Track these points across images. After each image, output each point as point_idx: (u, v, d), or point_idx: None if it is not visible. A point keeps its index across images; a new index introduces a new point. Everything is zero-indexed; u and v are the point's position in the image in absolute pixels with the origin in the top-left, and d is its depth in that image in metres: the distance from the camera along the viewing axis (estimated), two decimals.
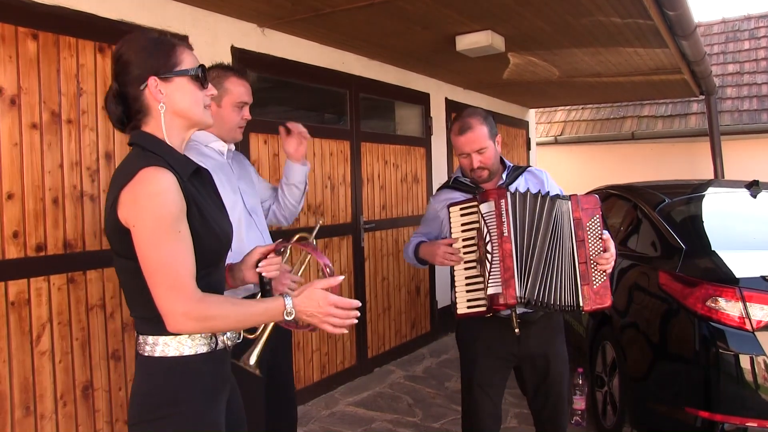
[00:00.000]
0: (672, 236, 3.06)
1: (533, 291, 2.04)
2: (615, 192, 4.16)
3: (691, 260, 2.83)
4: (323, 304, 1.30)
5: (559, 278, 2.05)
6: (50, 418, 2.47)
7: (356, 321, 1.35)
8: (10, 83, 2.38)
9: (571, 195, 2.11)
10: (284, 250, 1.55)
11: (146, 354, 1.34)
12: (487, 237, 2.04)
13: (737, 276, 2.57)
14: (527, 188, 2.19)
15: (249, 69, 2.31)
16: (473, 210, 2.11)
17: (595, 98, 7.58)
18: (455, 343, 2.51)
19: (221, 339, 1.40)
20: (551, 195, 2.10)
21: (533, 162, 7.91)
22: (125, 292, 1.38)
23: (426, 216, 2.50)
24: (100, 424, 2.66)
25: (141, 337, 1.36)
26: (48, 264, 2.49)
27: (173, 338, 1.33)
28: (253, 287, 1.96)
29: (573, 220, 2.07)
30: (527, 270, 2.05)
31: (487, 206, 2.05)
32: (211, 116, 1.47)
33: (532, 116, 8.11)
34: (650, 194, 3.65)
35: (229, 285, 1.60)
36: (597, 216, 2.08)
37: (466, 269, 2.14)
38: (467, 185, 2.35)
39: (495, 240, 2.03)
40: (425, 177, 5.35)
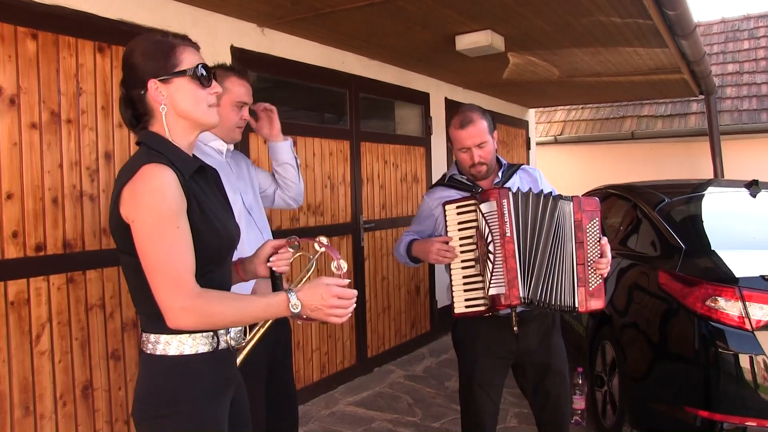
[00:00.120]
0: (672, 236, 3.06)
1: (536, 292, 2.05)
2: (615, 192, 4.16)
3: (691, 260, 2.83)
4: (327, 297, 1.30)
5: (560, 279, 2.06)
6: (50, 418, 2.47)
7: (354, 305, 1.35)
8: (10, 83, 2.38)
9: (573, 196, 2.12)
10: (298, 245, 1.54)
11: (148, 352, 1.35)
12: (489, 237, 2.03)
13: (737, 275, 2.57)
14: (524, 187, 2.19)
15: (249, 69, 2.31)
16: (471, 209, 2.11)
17: (595, 98, 7.58)
18: None
19: (224, 339, 1.40)
20: (554, 195, 2.11)
21: (533, 162, 7.91)
22: (130, 290, 1.39)
23: (419, 214, 2.46)
24: (100, 424, 2.66)
25: (144, 335, 1.37)
26: (47, 264, 2.49)
27: (174, 337, 1.33)
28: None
29: (574, 222, 2.07)
30: (530, 271, 2.05)
31: (488, 206, 2.05)
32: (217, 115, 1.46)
33: (532, 116, 8.11)
34: (650, 194, 3.65)
35: (241, 278, 1.61)
36: (596, 219, 2.09)
37: (464, 268, 2.13)
38: (463, 183, 2.33)
39: (497, 240, 2.03)
40: (425, 177, 5.34)
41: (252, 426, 1.60)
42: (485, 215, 2.05)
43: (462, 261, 2.13)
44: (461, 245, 2.13)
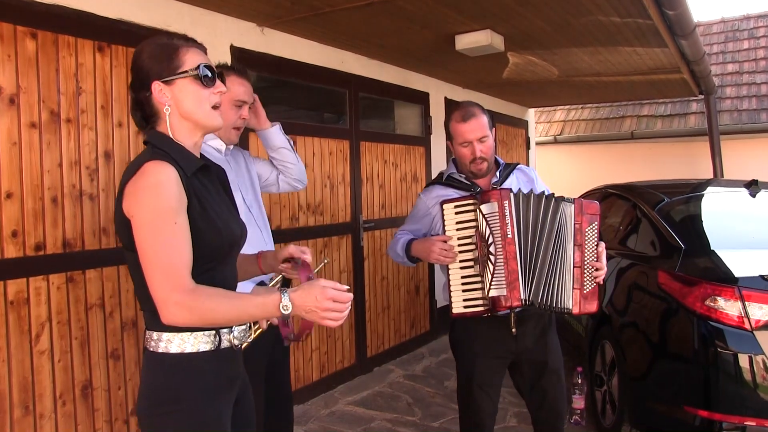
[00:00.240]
0: (671, 235, 3.07)
1: (537, 293, 2.05)
2: (614, 191, 4.16)
3: (690, 259, 2.83)
4: (321, 299, 1.28)
5: (559, 281, 2.07)
6: (49, 418, 2.47)
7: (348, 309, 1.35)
8: (9, 82, 2.38)
9: (575, 198, 2.12)
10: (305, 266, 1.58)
11: (151, 349, 1.36)
12: (490, 238, 2.03)
13: (736, 275, 2.58)
14: (521, 187, 2.19)
15: (248, 68, 2.31)
16: (470, 208, 2.10)
17: (595, 98, 7.58)
18: None
19: (226, 338, 1.40)
20: (555, 197, 2.11)
21: (533, 161, 7.92)
22: (135, 286, 1.40)
23: (415, 212, 2.43)
24: (99, 424, 2.66)
25: (147, 333, 1.38)
26: (47, 263, 2.48)
27: (176, 335, 1.33)
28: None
29: (574, 224, 2.07)
30: (531, 272, 2.05)
31: (489, 207, 2.04)
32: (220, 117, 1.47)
33: (532, 116, 8.11)
34: (649, 194, 3.65)
35: (261, 270, 1.66)
36: (596, 223, 2.10)
37: (462, 268, 2.12)
38: (462, 182, 2.32)
39: (498, 242, 2.03)
40: (424, 176, 5.34)
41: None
42: (486, 216, 2.04)
43: (460, 261, 2.12)
44: (459, 245, 2.12)
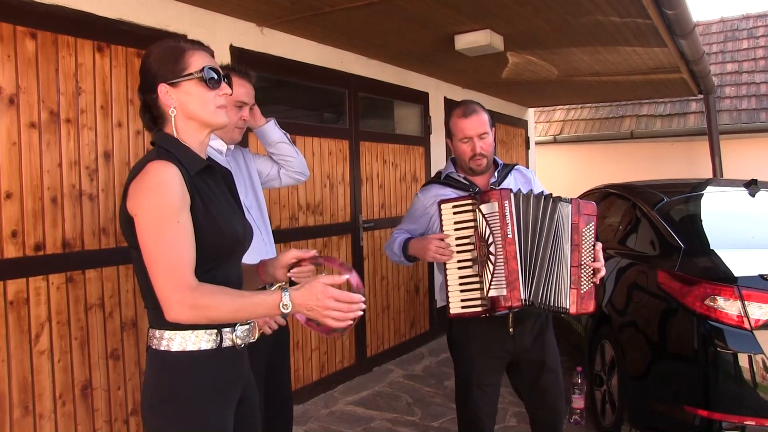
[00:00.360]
0: (671, 235, 3.07)
1: (537, 293, 2.05)
2: (614, 191, 4.16)
3: (690, 259, 2.83)
4: (321, 297, 1.28)
5: (558, 281, 2.07)
6: (49, 418, 2.47)
7: (361, 313, 1.34)
8: (9, 82, 2.38)
9: (572, 199, 2.12)
10: (321, 264, 1.56)
11: (154, 347, 1.37)
12: (490, 238, 2.03)
13: (736, 275, 2.58)
14: (519, 187, 2.20)
15: (248, 68, 2.31)
16: (468, 208, 2.10)
17: (594, 97, 7.58)
18: None
19: (229, 337, 1.40)
20: (553, 197, 2.11)
21: (532, 161, 7.92)
22: (139, 285, 1.42)
23: (412, 212, 2.42)
24: (99, 424, 2.66)
25: (150, 331, 1.39)
26: (47, 263, 2.48)
27: (177, 333, 1.34)
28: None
29: (571, 224, 2.08)
30: (531, 272, 2.05)
31: (489, 207, 2.04)
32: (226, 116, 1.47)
33: (531, 115, 8.11)
34: (649, 193, 3.65)
35: (262, 280, 1.62)
36: (592, 223, 2.10)
37: (460, 268, 2.12)
38: (460, 182, 2.32)
39: (498, 242, 2.02)
40: (424, 176, 5.34)
41: None
42: (486, 216, 2.04)
43: (458, 261, 2.12)
44: (457, 245, 2.12)
